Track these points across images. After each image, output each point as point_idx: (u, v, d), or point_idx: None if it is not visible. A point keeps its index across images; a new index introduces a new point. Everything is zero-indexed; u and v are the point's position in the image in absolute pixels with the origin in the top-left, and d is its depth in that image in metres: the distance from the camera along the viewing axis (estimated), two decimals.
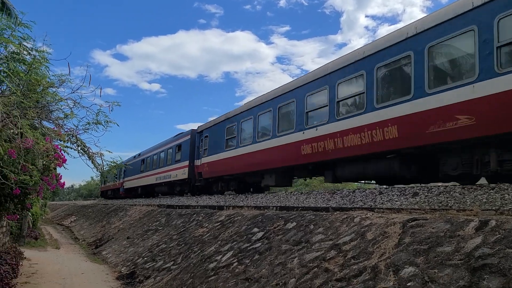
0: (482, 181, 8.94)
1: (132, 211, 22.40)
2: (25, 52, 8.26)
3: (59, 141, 9.60)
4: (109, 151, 9.95)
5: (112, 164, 10.28)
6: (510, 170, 7.88)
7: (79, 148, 9.61)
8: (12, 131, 7.50)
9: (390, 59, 10.11)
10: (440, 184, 10.35)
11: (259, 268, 6.72)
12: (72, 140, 9.56)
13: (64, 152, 9.63)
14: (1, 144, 6.59)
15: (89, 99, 9.09)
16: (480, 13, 8.17)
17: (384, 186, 10.66)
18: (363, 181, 14.06)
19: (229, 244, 8.67)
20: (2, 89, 8.45)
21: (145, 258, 11.83)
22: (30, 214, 18.88)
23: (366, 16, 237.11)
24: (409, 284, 4.14)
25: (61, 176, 10.94)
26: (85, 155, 9.60)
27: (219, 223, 10.69)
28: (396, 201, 7.84)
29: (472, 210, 5.45)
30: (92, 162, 9.88)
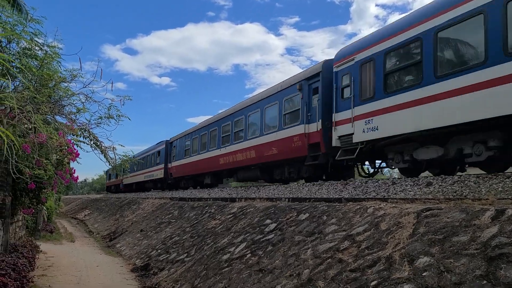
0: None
1: (145, 204, 22.59)
2: (36, 48, 8.33)
3: (72, 136, 9.69)
4: (121, 145, 9.99)
5: (125, 158, 10.35)
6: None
7: (92, 142, 9.68)
8: (25, 126, 7.58)
9: (254, 111, 17.49)
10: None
11: (273, 259, 6.74)
12: (84, 134, 9.64)
13: (77, 146, 9.74)
14: (16, 139, 6.66)
15: (101, 93, 9.15)
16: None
17: (395, 176, 10.82)
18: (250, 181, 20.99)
19: (242, 235, 8.70)
20: (15, 84, 8.53)
21: (159, 251, 11.93)
22: (45, 208, 19.17)
23: (377, 5, 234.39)
24: (424, 274, 4.11)
25: (74, 170, 11.08)
26: (97, 149, 9.68)
27: (231, 215, 10.72)
28: (410, 191, 7.78)
29: (488, 199, 5.38)
30: (105, 156, 9.95)
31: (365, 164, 13.24)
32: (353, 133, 11.36)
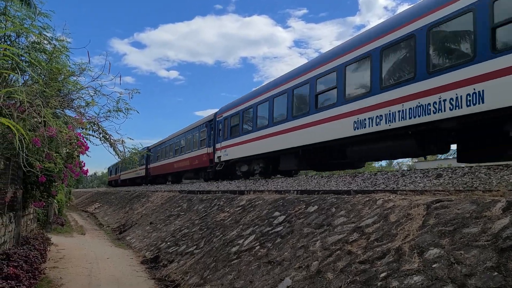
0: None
1: (154, 197, 22.73)
2: (45, 42, 8.36)
3: (81, 129, 9.75)
4: (130, 138, 10.04)
5: (134, 151, 10.41)
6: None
7: (101, 135, 9.75)
8: (35, 120, 7.64)
9: (184, 137, 27.30)
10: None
11: (281, 251, 6.75)
12: (93, 128, 9.70)
13: (87, 139, 9.80)
14: (26, 133, 6.72)
15: (109, 87, 9.20)
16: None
17: (404, 168, 10.74)
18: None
19: (251, 228, 8.72)
20: (24, 79, 8.59)
21: (168, 243, 12.01)
22: (55, 201, 19.37)
23: None
24: (434, 265, 4.09)
25: (84, 163, 11.15)
26: (106, 142, 9.74)
27: (240, 208, 10.75)
28: (419, 183, 7.72)
29: (499, 191, 5.33)
30: (114, 149, 10.02)
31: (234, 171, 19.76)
32: (220, 156, 19.90)
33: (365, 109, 10.63)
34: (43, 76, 8.08)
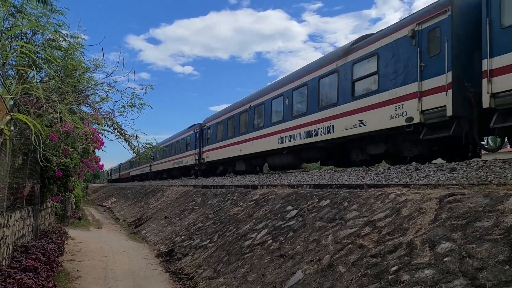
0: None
1: (169, 191, 22.96)
2: (61, 39, 8.50)
3: (96, 125, 9.90)
4: (144, 133, 10.17)
5: (148, 146, 10.53)
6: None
7: (116, 131, 9.89)
8: (52, 116, 7.79)
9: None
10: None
11: (294, 245, 6.78)
12: (108, 123, 9.84)
13: (102, 135, 9.96)
14: (43, 129, 6.87)
15: (124, 83, 9.32)
16: None
17: (414, 162, 10.53)
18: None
19: (264, 222, 8.77)
20: (41, 76, 8.75)
21: (183, 237, 12.15)
22: (72, 195, 19.72)
23: None
24: (446, 259, 4.08)
25: (99, 158, 11.33)
26: (121, 137, 9.87)
27: (253, 202, 10.80)
28: (433, 177, 7.66)
29: None
30: (129, 144, 10.16)
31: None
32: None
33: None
34: (59, 73, 8.22)
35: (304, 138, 13.59)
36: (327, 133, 12.37)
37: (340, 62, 12.17)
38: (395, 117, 9.94)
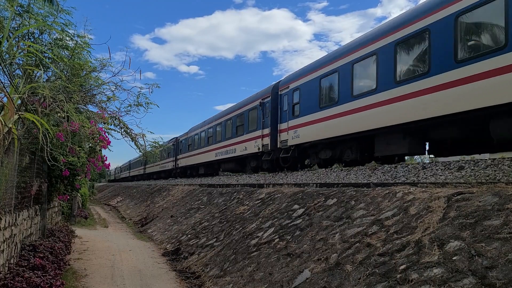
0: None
1: (175, 190, 23.00)
2: (67, 38, 8.53)
3: (103, 124, 9.93)
4: (151, 132, 10.15)
5: (154, 145, 10.55)
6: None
7: (122, 130, 9.91)
8: (59, 115, 7.82)
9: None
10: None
11: (301, 243, 6.77)
12: (115, 122, 9.87)
13: (108, 134, 9.98)
14: (50, 128, 6.90)
15: (130, 83, 9.35)
16: None
17: (426, 161, 10.69)
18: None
19: (270, 221, 8.76)
20: (48, 75, 8.79)
21: (189, 236, 12.17)
22: (79, 194, 19.81)
23: None
24: (454, 258, 4.06)
25: (106, 157, 11.37)
26: (128, 136, 9.90)
27: (259, 201, 10.80)
28: (441, 175, 7.62)
29: None
30: (135, 143, 10.18)
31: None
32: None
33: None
34: (65, 72, 8.26)
35: (223, 155, 22.22)
36: (233, 152, 20.73)
37: (232, 114, 21.49)
38: (255, 147, 18.12)
